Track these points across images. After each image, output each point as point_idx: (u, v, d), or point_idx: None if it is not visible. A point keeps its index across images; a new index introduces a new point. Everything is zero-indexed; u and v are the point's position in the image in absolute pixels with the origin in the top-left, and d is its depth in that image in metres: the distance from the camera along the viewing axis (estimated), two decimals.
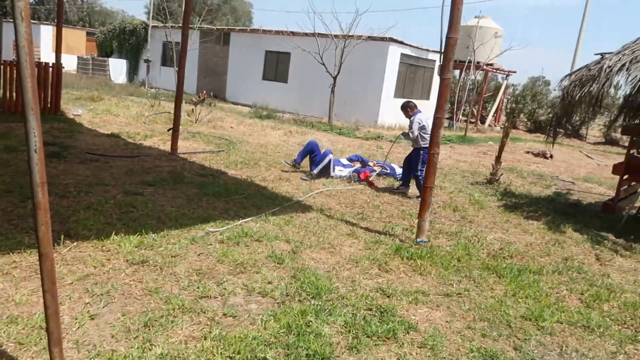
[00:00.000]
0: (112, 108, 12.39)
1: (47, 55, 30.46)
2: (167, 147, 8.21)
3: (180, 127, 11.62)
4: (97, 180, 5.87)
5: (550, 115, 22.67)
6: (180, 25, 24.62)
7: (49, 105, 10.46)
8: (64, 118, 10.30)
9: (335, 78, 14.84)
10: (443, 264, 4.38)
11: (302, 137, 12.13)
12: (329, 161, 7.44)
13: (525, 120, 24.09)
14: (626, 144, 9.32)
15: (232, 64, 20.85)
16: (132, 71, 25.30)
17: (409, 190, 7.24)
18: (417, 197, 6.67)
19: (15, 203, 4.67)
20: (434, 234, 5.32)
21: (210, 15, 42.17)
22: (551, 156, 13.93)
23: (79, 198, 5.09)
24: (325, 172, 7.48)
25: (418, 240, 4.84)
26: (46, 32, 30.76)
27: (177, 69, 20.36)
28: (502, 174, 8.84)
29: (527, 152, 14.60)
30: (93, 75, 23.75)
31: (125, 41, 25.22)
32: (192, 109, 12.75)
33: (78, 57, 25.64)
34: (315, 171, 7.30)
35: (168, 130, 7.73)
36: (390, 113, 16.24)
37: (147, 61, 23.88)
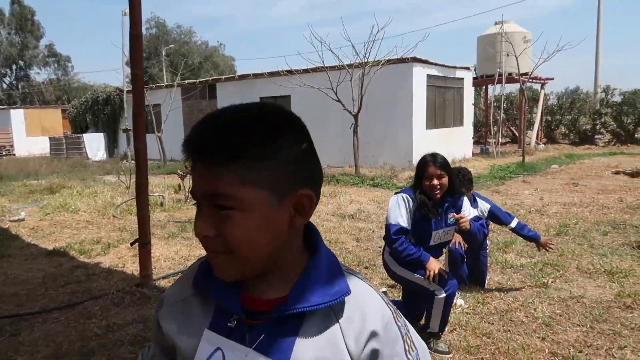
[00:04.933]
0: (70, 200, 9.08)
1: (19, 140, 27.65)
2: (137, 265, 4.84)
3: (165, 213, 8.40)
4: None
5: (596, 123, 19.56)
6: (158, 85, 21.85)
7: None
8: None
9: (356, 116, 11.67)
10: None
11: (331, 200, 8.83)
12: None
13: (565, 132, 20.98)
14: None
15: None
16: (112, 144, 22.27)
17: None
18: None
19: None
20: None
21: (192, 74, 39.85)
22: None
23: None
24: None
25: None
26: (17, 116, 28.00)
27: (158, 134, 17.34)
28: None
29: (617, 172, 11.27)
30: (68, 156, 20.67)
31: (100, 112, 22.26)
32: (179, 185, 9.51)
33: (50, 138, 22.63)
34: None
35: (132, 244, 4.39)
36: (424, 149, 12.87)
37: (125, 131, 20.86)
